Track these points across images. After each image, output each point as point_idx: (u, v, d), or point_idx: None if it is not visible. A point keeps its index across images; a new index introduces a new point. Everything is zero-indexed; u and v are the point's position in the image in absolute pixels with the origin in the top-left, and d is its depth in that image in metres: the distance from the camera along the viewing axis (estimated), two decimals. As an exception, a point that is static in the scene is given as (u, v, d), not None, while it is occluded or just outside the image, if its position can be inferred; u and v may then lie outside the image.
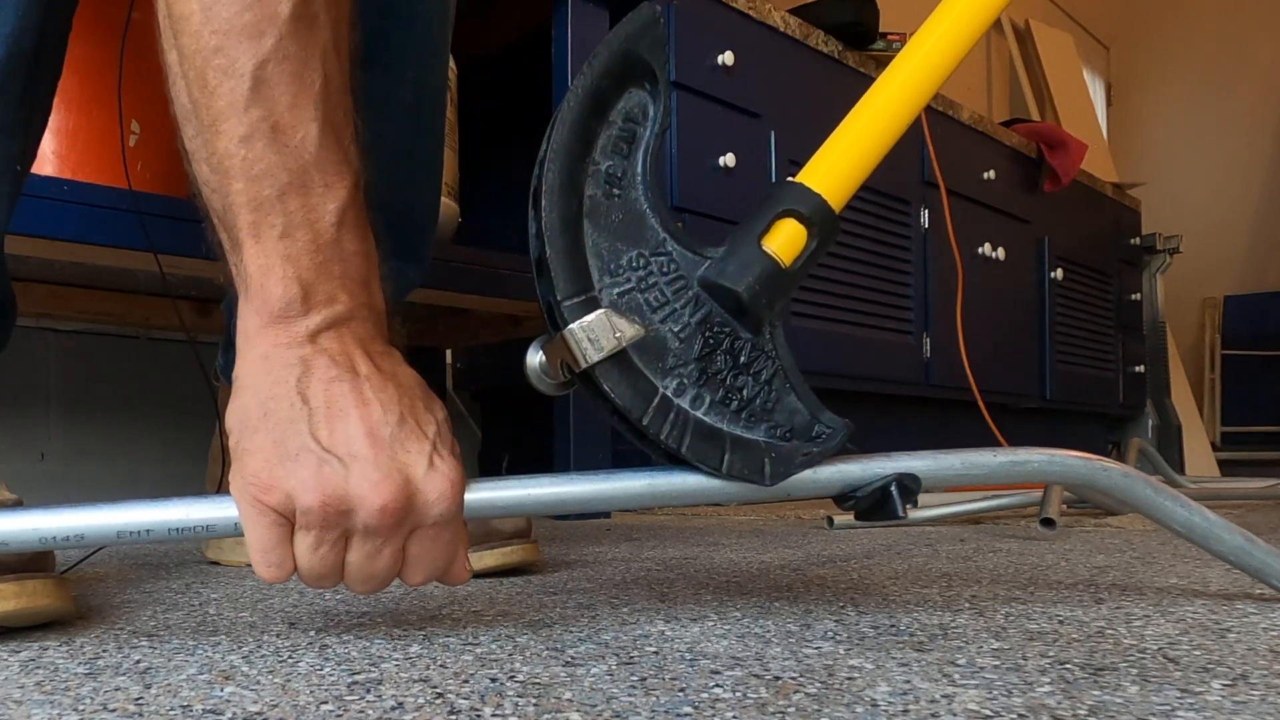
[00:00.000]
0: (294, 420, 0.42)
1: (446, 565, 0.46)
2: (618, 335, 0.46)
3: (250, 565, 0.79)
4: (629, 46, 0.48)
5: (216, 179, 0.45)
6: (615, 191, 0.49)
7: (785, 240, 0.49)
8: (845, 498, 0.51)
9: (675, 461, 0.48)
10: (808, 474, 0.49)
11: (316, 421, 0.42)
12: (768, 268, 0.49)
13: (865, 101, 0.52)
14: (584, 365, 0.46)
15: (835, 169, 0.51)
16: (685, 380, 0.49)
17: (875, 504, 0.50)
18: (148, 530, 0.44)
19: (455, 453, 0.46)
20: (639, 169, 0.49)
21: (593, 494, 0.49)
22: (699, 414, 0.49)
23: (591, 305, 0.47)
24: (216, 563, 0.81)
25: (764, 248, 0.49)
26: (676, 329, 0.49)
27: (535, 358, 0.49)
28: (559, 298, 0.46)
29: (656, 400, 0.48)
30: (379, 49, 0.75)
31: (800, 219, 0.50)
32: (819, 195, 0.50)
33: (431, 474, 0.43)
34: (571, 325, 0.46)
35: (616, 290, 0.48)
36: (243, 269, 0.45)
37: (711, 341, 0.49)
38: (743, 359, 0.50)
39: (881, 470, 0.50)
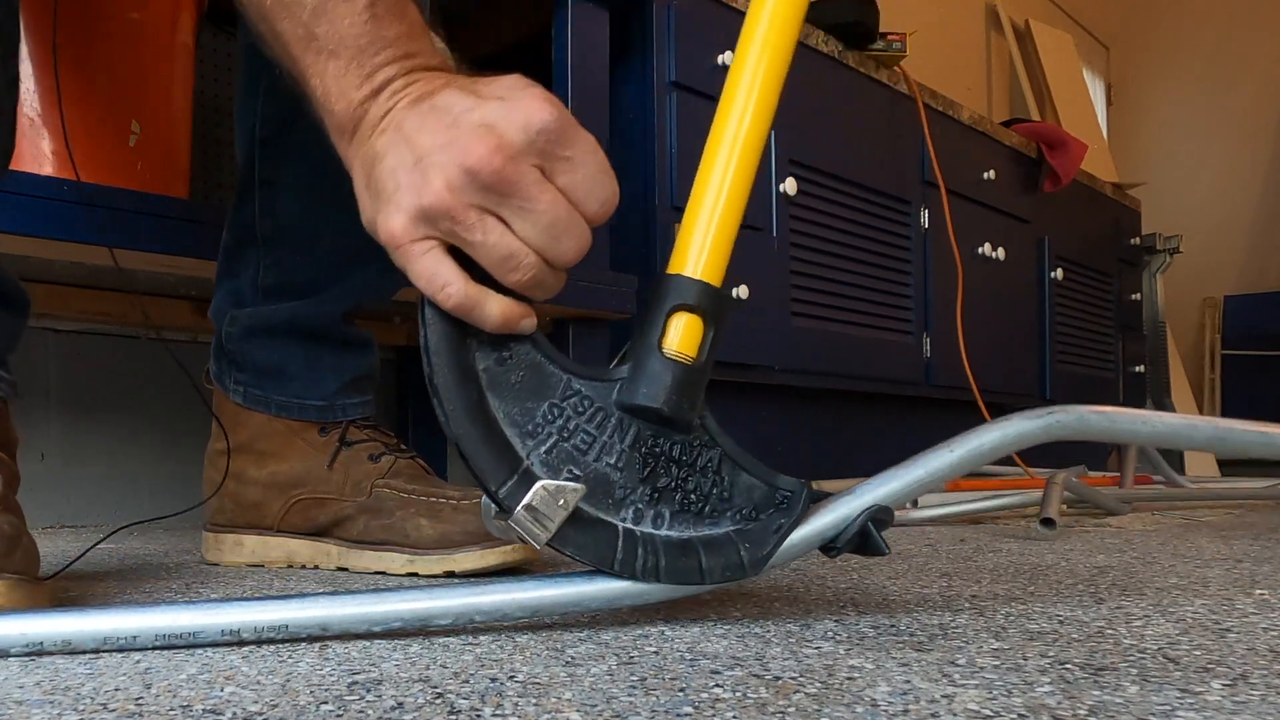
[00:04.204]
0: (380, 180, 0.46)
1: (600, 171, 0.47)
2: (562, 504, 0.46)
3: (250, 566, 0.80)
4: None
5: (265, 26, 0.49)
6: (506, 355, 0.49)
7: (684, 337, 0.49)
8: (827, 548, 0.51)
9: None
10: (785, 544, 0.49)
11: (396, 162, 0.46)
12: (678, 373, 0.49)
13: (704, 169, 0.51)
14: (540, 546, 0.46)
15: (703, 248, 0.50)
16: (639, 506, 0.49)
17: (859, 545, 0.50)
18: (134, 637, 0.44)
19: (529, 87, 0.47)
20: None
21: (574, 597, 0.48)
22: (664, 532, 0.49)
23: (527, 479, 0.46)
24: (216, 564, 0.81)
25: (666, 353, 0.49)
26: (613, 460, 0.49)
27: (494, 526, 0.49)
28: (493, 489, 0.46)
29: (620, 540, 0.48)
30: None
31: (689, 310, 0.49)
32: (698, 281, 0.50)
33: (505, 108, 0.45)
34: (516, 513, 0.46)
35: (543, 449, 0.48)
36: (312, 99, 0.49)
37: (650, 459, 0.49)
38: (685, 459, 0.50)
39: (851, 511, 0.50)
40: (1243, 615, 0.54)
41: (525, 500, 0.46)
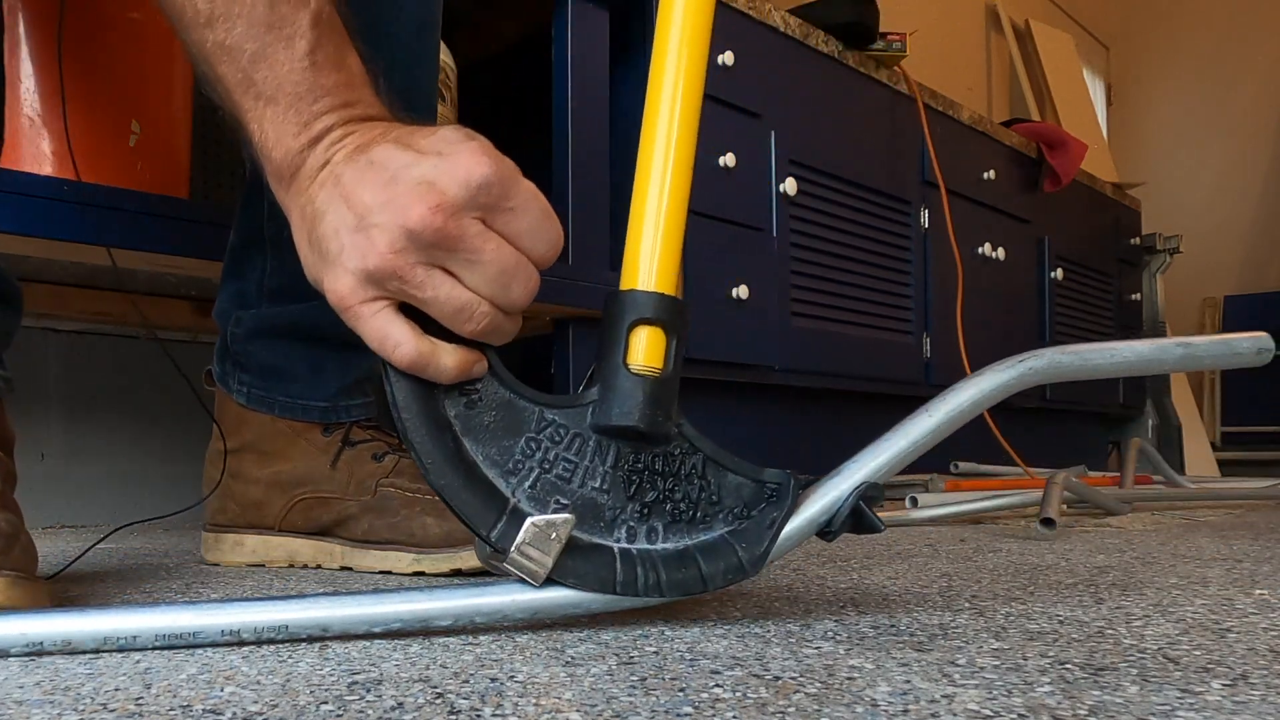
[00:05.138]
0: (323, 239, 0.46)
1: (543, 216, 0.47)
2: (555, 537, 0.46)
3: (250, 566, 0.80)
4: None
5: (207, 68, 0.49)
6: (475, 397, 0.49)
7: (648, 350, 0.49)
8: (823, 532, 0.51)
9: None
10: (781, 537, 0.49)
11: (337, 221, 0.46)
12: (649, 388, 0.49)
13: (640, 180, 0.51)
14: (539, 583, 0.46)
15: (652, 259, 0.50)
16: (631, 524, 0.49)
17: (853, 525, 0.50)
18: (134, 637, 0.44)
19: (467, 139, 0.46)
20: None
21: (575, 599, 0.48)
22: (660, 545, 0.49)
23: (516, 518, 0.46)
24: (216, 564, 0.81)
25: (633, 370, 0.49)
26: (597, 484, 0.49)
27: (491, 566, 0.48)
28: (483, 533, 0.46)
29: (618, 562, 0.47)
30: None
31: (649, 323, 0.49)
32: (653, 292, 0.50)
33: (443, 164, 0.45)
34: (510, 555, 0.46)
35: (527, 485, 0.48)
36: (251, 143, 0.49)
37: (634, 476, 0.49)
38: (669, 469, 0.50)
39: (840, 493, 0.50)
40: (1243, 615, 0.54)
41: (518, 540, 0.45)
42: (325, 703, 0.35)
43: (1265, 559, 0.81)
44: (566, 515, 0.46)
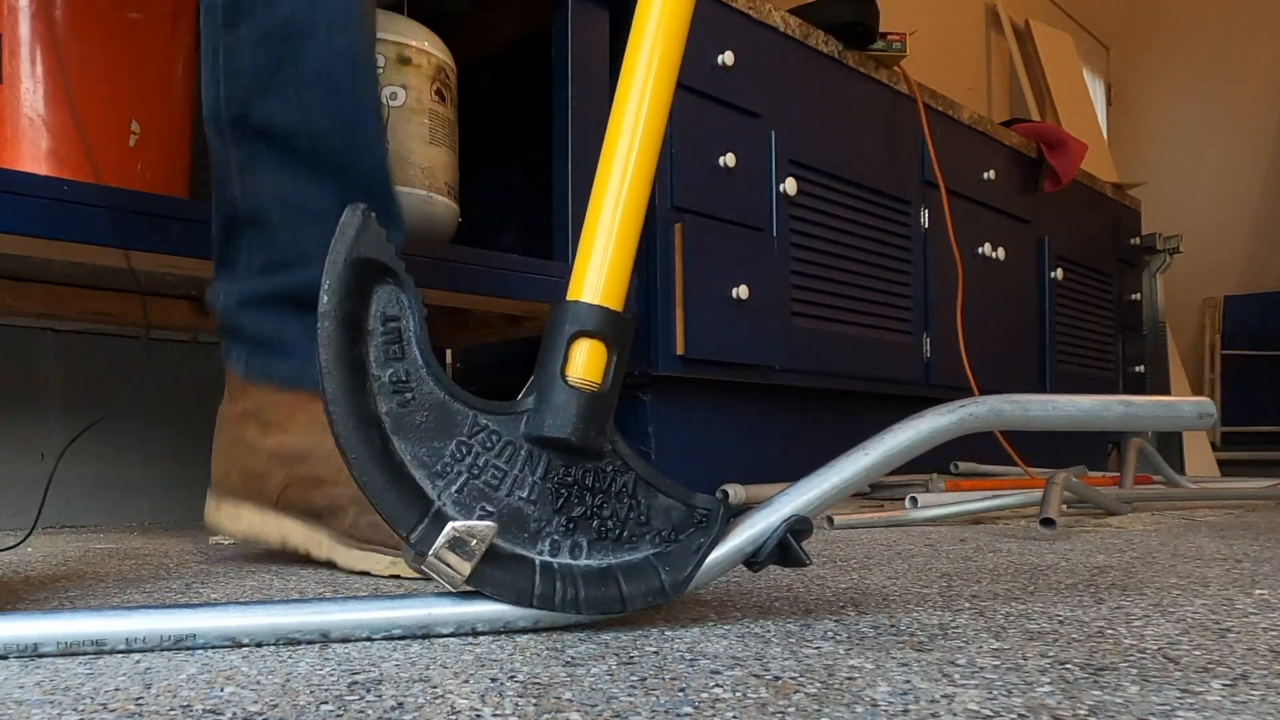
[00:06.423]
0: None
1: None
2: (474, 544, 0.45)
3: (245, 539, 0.79)
4: (352, 256, 0.47)
5: None
6: (408, 395, 0.48)
7: (586, 364, 0.49)
8: (750, 562, 0.51)
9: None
10: (705, 564, 0.49)
11: None
12: (584, 401, 0.48)
13: (597, 192, 0.51)
14: (457, 589, 0.46)
15: (600, 271, 0.50)
16: (556, 537, 0.48)
17: (780, 558, 0.50)
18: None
19: None
20: (419, 361, 0.48)
21: (474, 615, 0.47)
22: (583, 562, 0.49)
23: (438, 521, 0.46)
24: (215, 529, 0.82)
25: (570, 382, 0.48)
26: (525, 494, 0.48)
27: (414, 568, 0.48)
28: (404, 534, 0.46)
29: (538, 574, 0.47)
30: (304, 21, 0.74)
31: (590, 336, 0.49)
32: (598, 306, 0.49)
33: None
34: (428, 558, 0.45)
35: (454, 489, 0.48)
36: None
37: (563, 489, 0.49)
38: (599, 486, 0.49)
39: (769, 525, 0.50)
40: (1243, 615, 0.54)
41: (437, 544, 0.45)
42: (325, 703, 0.35)
43: (1265, 559, 0.81)
44: (489, 523, 0.46)
